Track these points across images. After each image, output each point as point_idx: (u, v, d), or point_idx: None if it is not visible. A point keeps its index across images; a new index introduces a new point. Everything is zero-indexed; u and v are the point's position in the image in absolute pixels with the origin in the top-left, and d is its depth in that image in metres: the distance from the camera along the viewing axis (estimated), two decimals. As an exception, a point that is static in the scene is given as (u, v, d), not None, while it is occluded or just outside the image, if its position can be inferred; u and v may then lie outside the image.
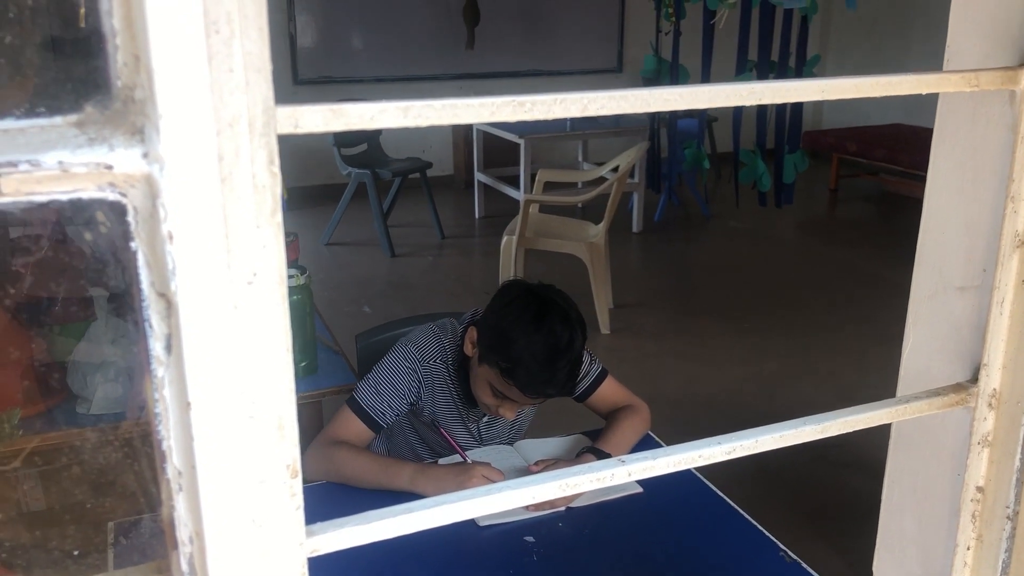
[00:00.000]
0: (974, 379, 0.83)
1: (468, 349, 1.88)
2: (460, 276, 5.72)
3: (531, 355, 1.73)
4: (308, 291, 2.29)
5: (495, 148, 6.79)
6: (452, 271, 5.82)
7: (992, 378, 0.82)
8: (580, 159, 7.27)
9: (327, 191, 6.90)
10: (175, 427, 0.52)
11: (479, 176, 6.79)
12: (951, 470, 0.87)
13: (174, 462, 0.53)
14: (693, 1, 5.47)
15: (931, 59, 0.84)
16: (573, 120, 6.09)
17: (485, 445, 2.03)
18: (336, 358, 2.44)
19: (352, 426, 1.84)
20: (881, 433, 0.95)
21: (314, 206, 6.78)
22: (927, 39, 7.50)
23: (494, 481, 1.70)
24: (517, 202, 5.60)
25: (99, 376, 1.85)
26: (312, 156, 7.04)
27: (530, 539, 1.68)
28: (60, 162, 0.45)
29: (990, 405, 0.82)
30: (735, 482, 1.96)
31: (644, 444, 1.98)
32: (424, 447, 2.06)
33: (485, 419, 2.00)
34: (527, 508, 1.73)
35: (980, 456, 0.83)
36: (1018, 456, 0.80)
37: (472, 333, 1.86)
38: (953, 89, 0.72)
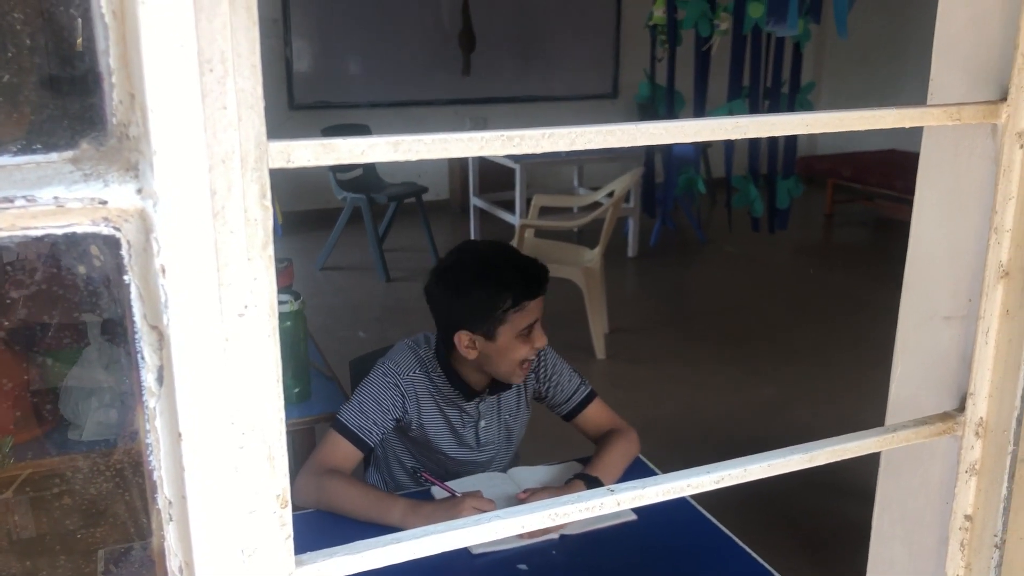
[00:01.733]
0: (961, 408, 0.83)
1: (470, 354, 1.87)
2: (455, 301, 5.71)
3: (508, 273, 1.84)
4: (302, 317, 2.30)
5: (491, 173, 6.82)
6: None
7: (979, 407, 0.82)
8: (576, 184, 7.30)
9: (322, 216, 6.91)
10: (166, 458, 0.52)
11: (475, 201, 6.81)
12: (939, 498, 0.87)
13: (165, 492, 0.53)
14: (686, 27, 5.52)
15: (925, 86, 0.86)
16: (568, 145, 6.12)
17: (483, 449, 2.03)
18: (329, 384, 2.44)
19: (340, 448, 1.84)
20: (876, 460, 0.96)
21: (309, 231, 6.78)
22: (920, 66, 7.55)
23: (485, 511, 1.70)
24: (513, 227, 5.61)
25: (91, 403, 1.85)
26: (307, 181, 7.05)
27: (523, 567, 1.67)
28: (56, 197, 0.46)
29: (977, 434, 0.83)
30: (729, 509, 1.96)
31: (637, 469, 1.98)
32: (419, 466, 2.05)
33: (483, 423, 2.01)
34: (520, 536, 1.73)
35: (968, 484, 0.84)
36: (1005, 484, 0.81)
37: (462, 338, 1.86)
38: (936, 123, 0.73)
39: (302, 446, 2.30)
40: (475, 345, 1.86)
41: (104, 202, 0.47)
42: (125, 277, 0.49)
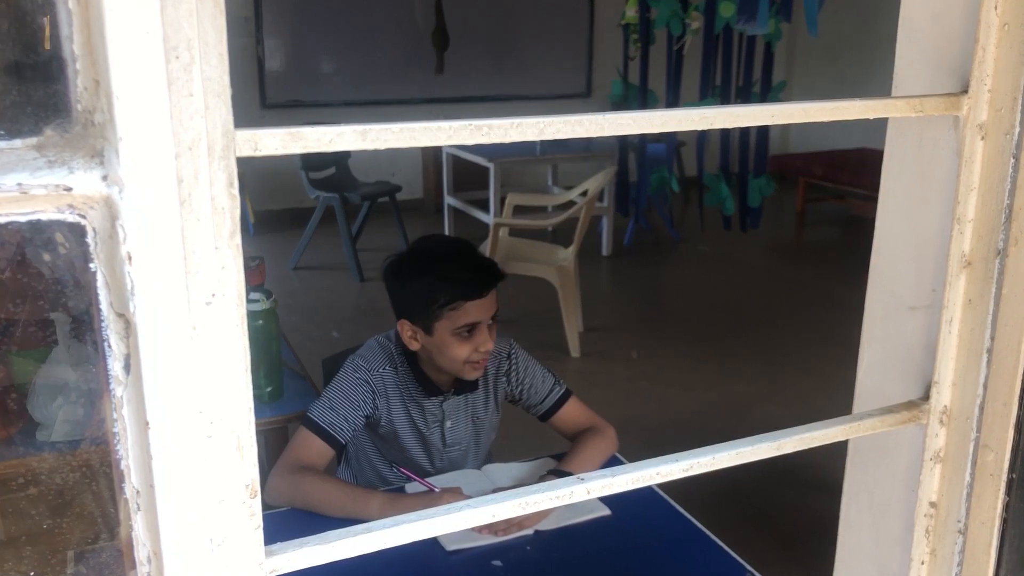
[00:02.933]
0: (926, 396, 0.85)
1: (412, 345, 1.89)
2: (430, 300, 5.70)
3: (451, 269, 1.83)
4: (274, 316, 2.28)
5: (464, 172, 6.81)
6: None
7: (943, 395, 0.84)
8: (550, 183, 7.31)
9: (295, 215, 6.87)
10: (134, 446, 0.52)
11: (449, 200, 6.80)
12: (905, 486, 0.89)
13: (132, 481, 0.53)
14: (658, 26, 5.55)
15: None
16: (542, 144, 6.14)
17: (448, 451, 2.02)
18: (302, 383, 2.43)
19: (311, 445, 1.83)
20: (846, 455, 0.97)
21: (282, 230, 6.74)
22: (889, 64, 7.63)
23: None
24: (487, 226, 5.61)
25: (60, 402, 1.83)
26: (279, 180, 7.02)
27: (498, 563, 1.68)
28: (19, 184, 0.46)
29: (941, 422, 0.84)
30: (704, 505, 1.97)
31: (610, 466, 1.99)
32: (388, 468, 2.05)
33: (448, 424, 2.00)
34: (496, 532, 1.73)
35: (932, 472, 0.85)
36: (968, 471, 0.82)
37: (404, 327, 1.89)
38: (899, 114, 0.74)
39: (275, 445, 2.28)
40: (416, 337, 1.88)
41: (69, 189, 0.47)
42: (91, 265, 0.49)
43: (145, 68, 0.47)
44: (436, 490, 1.81)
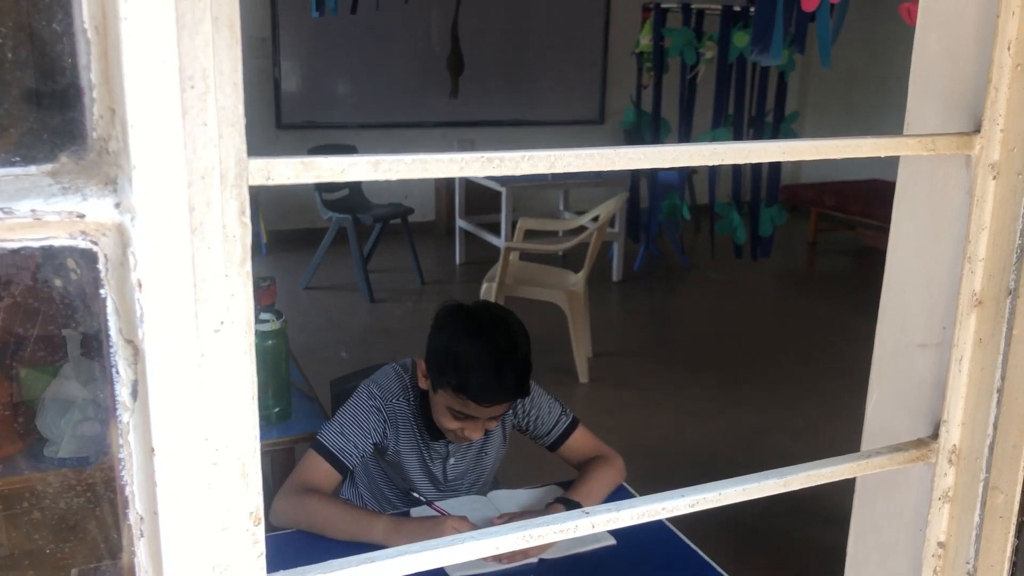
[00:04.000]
0: (935, 435, 0.84)
1: (422, 383, 1.89)
2: (439, 322, 5.70)
3: (477, 364, 1.75)
4: (284, 336, 2.29)
5: (477, 195, 6.84)
6: (431, 317, 5.80)
7: (952, 434, 0.83)
8: (561, 208, 7.32)
9: (307, 235, 6.91)
10: (138, 472, 0.52)
11: (460, 223, 6.83)
12: (913, 525, 0.88)
13: (136, 508, 0.53)
14: (672, 55, 5.57)
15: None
16: (554, 170, 6.16)
17: (450, 485, 2.02)
18: (310, 404, 2.42)
19: (319, 469, 1.83)
20: (855, 487, 0.96)
21: (294, 250, 6.77)
22: (902, 97, 7.64)
23: (467, 534, 1.69)
24: (498, 249, 5.62)
25: (68, 419, 1.84)
26: (293, 200, 7.06)
27: (501, 590, 1.66)
28: (33, 210, 0.46)
29: (950, 461, 0.83)
30: (710, 535, 1.96)
31: (617, 494, 1.97)
32: (393, 491, 2.04)
33: (452, 461, 1.99)
34: (500, 560, 1.72)
35: (941, 511, 0.85)
36: (977, 512, 0.82)
37: (421, 365, 1.88)
38: (911, 153, 0.74)
39: (282, 466, 2.28)
40: (425, 381, 1.88)
41: (82, 215, 0.47)
42: (101, 291, 0.49)
43: (160, 97, 0.47)
44: (447, 514, 1.81)
